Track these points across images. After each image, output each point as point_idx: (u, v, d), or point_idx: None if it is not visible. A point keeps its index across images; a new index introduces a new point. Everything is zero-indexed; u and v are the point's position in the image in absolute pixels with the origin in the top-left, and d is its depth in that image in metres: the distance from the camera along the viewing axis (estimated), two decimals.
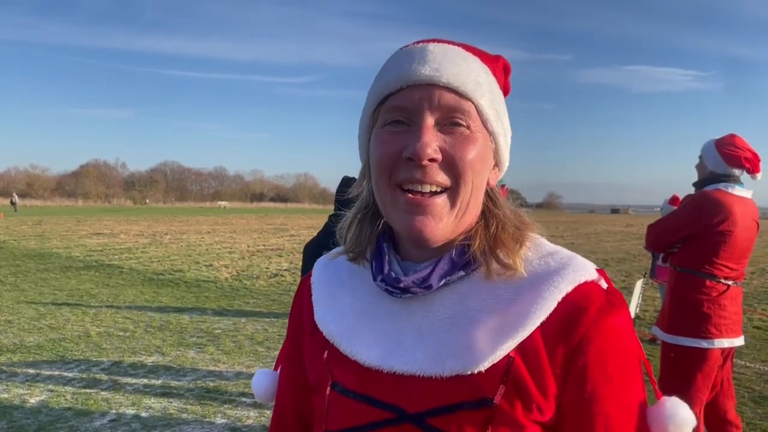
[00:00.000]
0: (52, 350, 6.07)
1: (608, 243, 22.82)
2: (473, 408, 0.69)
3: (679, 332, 2.99)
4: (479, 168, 0.74)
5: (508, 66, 0.84)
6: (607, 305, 0.72)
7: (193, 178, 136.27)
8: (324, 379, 0.81)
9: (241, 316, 8.08)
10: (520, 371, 0.69)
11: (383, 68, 0.79)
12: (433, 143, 0.71)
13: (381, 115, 0.76)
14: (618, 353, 0.71)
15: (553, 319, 0.70)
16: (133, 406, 4.54)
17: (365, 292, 0.83)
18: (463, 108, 0.73)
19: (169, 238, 21.46)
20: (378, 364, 0.75)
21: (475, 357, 0.69)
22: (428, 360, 0.72)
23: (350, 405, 0.77)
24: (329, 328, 0.83)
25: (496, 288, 0.74)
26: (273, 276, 12.06)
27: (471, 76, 0.74)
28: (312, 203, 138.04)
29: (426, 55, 0.74)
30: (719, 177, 3.04)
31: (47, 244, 17.98)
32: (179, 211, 59.51)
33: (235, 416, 4.38)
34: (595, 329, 0.70)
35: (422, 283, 0.75)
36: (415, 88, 0.73)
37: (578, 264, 0.75)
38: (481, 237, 0.77)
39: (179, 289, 10.21)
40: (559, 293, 0.71)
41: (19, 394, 4.73)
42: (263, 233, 25.33)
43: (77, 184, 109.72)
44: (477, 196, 0.76)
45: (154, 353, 6.04)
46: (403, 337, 0.76)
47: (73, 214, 45.11)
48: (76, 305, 8.56)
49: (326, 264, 0.93)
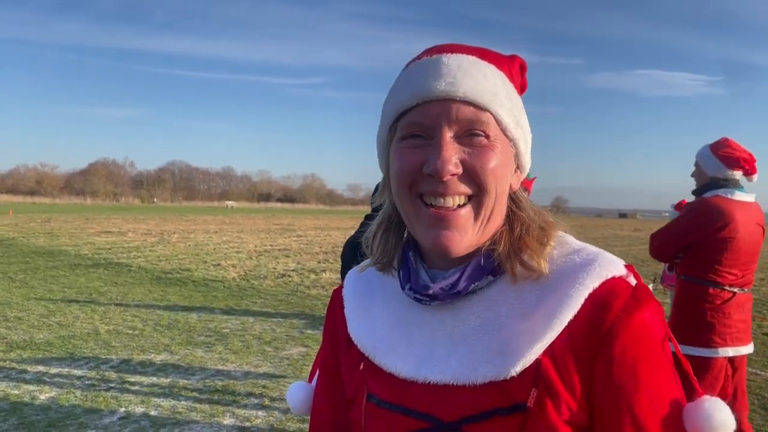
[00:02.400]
0: (62, 347, 6.10)
1: (616, 248, 22.72)
2: (507, 414, 0.69)
3: (683, 341, 2.97)
4: (501, 175, 0.74)
5: (524, 64, 0.83)
6: (632, 300, 0.70)
7: (201, 178, 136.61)
8: (360, 391, 0.82)
9: (248, 315, 8.10)
10: (550, 373, 0.69)
11: (398, 82, 0.78)
12: (454, 158, 0.71)
13: (399, 129, 0.76)
14: (645, 349, 0.70)
15: (580, 317, 0.70)
16: (142, 404, 4.56)
17: (396, 302, 0.83)
18: (481, 119, 0.72)
19: (177, 237, 21.53)
20: (412, 375, 0.75)
21: (506, 363, 0.70)
22: (461, 368, 0.72)
23: (386, 416, 0.77)
24: (363, 341, 0.83)
25: (522, 291, 0.74)
26: (280, 276, 12.08)
27: (487, 87, 0.73)
28: (319, 204, 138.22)
29: (440, 68, 0.73)
30: (719, 182, 3.02)
31: (56, 242, 18.08)
32: (187, 211, 59.70)
33: (244, 416, 4.39)
34: (619, 324, 0.69)
35: (451, 289, 0.75)
36: (431, 104, 0.72)
37: (605, 260, 0.74)
38: (506, 240, 0.76)
39: (187, 288, 10.25)
40: (585, 290, 0.70)
41: (29, 391, 4.76)
42: (270, 233, 25.37)
43: (86, 183, 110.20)
44: (501, 202, 0.76)
45: (163, 352, 6.06)
46: (436, 347, 0.76)
47: (82, 212, 45.34)
48: (85, 303, 8.61)
49: (357, 276, 0.93)
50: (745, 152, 2.98)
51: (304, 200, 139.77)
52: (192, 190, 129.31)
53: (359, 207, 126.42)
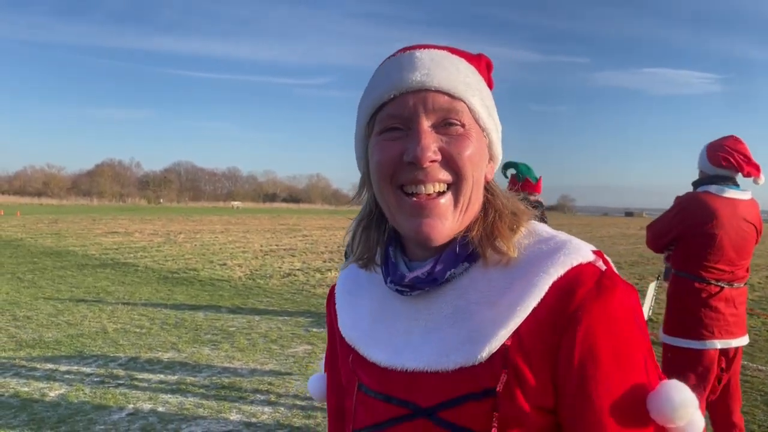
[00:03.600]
0: (71, 346, 6.17)
1: (622, 246, 22.68)
2: (479, 399, 0.71)
3: (674, 333, 3.03)
4: (477, 162, 0.77)
5: (490, 63, 0.86)
6: (596, 286, 0.71)
7: (207, 178, 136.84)
8: (352, 381, 0.87)
9: (254, 314, 8.16)
10: (517, 359, 0.70)
11: (373, 79, 0.81)
12: (433, 145, 0.74)
13: (377, 124, 0.78)
14: (609, 334, 0.70)
15: (546, 304, 0.71)
16: (150, 400, 4.62)
17: (380, 295, 0.87)
18: (456, 108, 0.75)
19: (183, 237, 21.63)
20: (391, 363, 0.79)
21: (474, 349, 0.72)
22: (434, 355, 0.75)
23: (373, 404, 0.82)
24: (350, 333, 0.88)
25: (492, 279, 0.76)
26: (286, 275, 12.14)
27: (460, 78, 0.77)
28: (324, 204, 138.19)
29: (414, 61, 0.76)
30: (711, 179, 3.04)
31: (63, 242, 18.20)
32: (193, 211, 59.88)
33: (250, 412, 4.44)
34: (583, 310, 0.69)
35: (427, 277, 0.78)
36: (408, 95, 0.75)
37: (571, 247, 0.75)
38: (479, 226, 0.79)
39: (194, 288, 10.32)
40: (549, 278, 0.72)
41: (39, 388, 4.83)
42: (276, 233, 25.45)
43: (92, 184, 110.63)
44: (477, 190, 0.78)
45: (170, 350, 6.13)
46: (412, 336, 0.79)
47: (89, 212, 45.55)
48: (93, 302, 8.68)
49: (347, 273, 0.97)
50: (738, 153, 2.97)
51: (310, 200, 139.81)
52: (198, 190, 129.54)
53: None
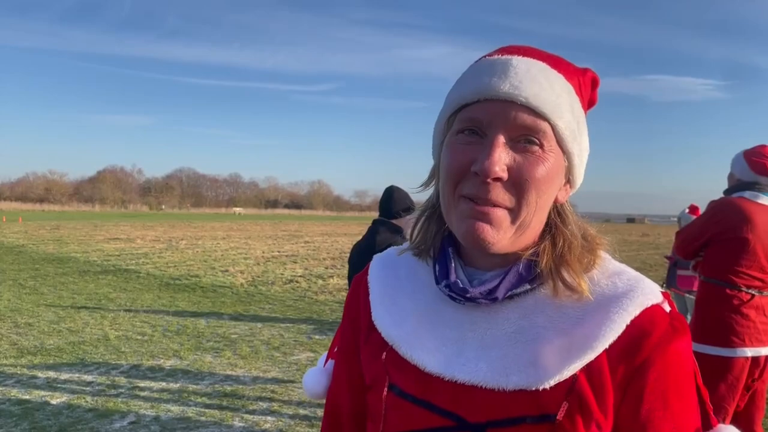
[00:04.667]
0: (72, 353, 6.15)
1: (624, 253, 22.64)
2: (535, 422, 0.70)
3: (702, 340, 2.99)
4: (545, 188, 0.73)
5: (596, 79, 0.82)
6: (671, 330, 0.73)
7: (209, 185, 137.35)
8: (380, 379, 0.81)
9: (257, 321, 8.13)
10: (584, 389, 0.70)
11: (464, 76, 0.78)
12: (502, 162, 0.70)
13: (456, 122, 0.76)
14: (677, 379, 0.72)
15: (620, 341, 0.71)
16: (152, 408, 4.58)
17: (425, 296, 0.83)
18: (538, 128, 0.71)
19: (185, 243, 21.63)
20: (439, 371, 0.75)
21: (540, 374, 0.70)
22: (492, 372, 0.72)
23: (408, 409, 0.77)
24: (390, 331, 0.82)
25: (562, 306, 0.75)
26: (288, 282, 12.11)
27: (551, 97, 0.72)
28: (326, 210, 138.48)
29: (508, 70, 0.72)
30: (746, 185, 3.04)
31: (65, 249, 18.20)
32: (194, 217, 59.93)
33: (253, 420, 4.41)
34: (656, 353, 0.71)
35: (488, 295, 0.75)
36: (492, 103, 0.72)
37: (646, 287, 0.75)
38: (548, 255, 0.76)
39: (196, 294, 10.29)
40: (628, 316, 0.71)
41: (41, 396, 4.80)
42: (278, 240, 25.44)
43: (94, 190, 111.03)
44: (540, 215, 0.75)
45: (172, 357, 6.10)
46: (466, 347, 0.76)
47: (91, 219, 45.60)
48: (95, 309, 8.66)
49: (383, 263, 0.93)
50: None
51: (311, 206, 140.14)
52: (200, 197, 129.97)
53: (366, 213, 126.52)
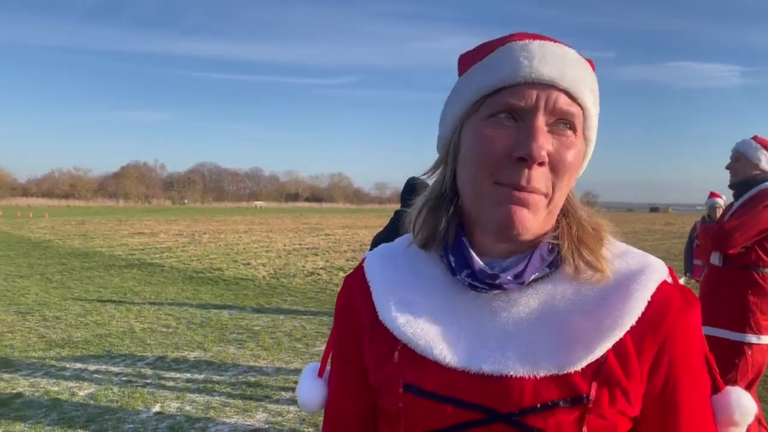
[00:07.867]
0: (99, 345, 6.26)
1: (648, 242, 22.35)
2: (568, 405, 0.70)
3: (731, 327, 3.02)
4: (575, 173, 0.75)
5: None
6: (684, 302, 0.75)
7: (230, 179, 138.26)
8: (394, 381, 0.78)
9: (279, 313, 8.20)
10: (613, 368, 0.71)
11: (493, 59, 0.74)
12: (546, 146, 0.70)
13: (486, 107, 0.73)
14: (697, 348, 0.75)
15: (642, 317, 0.72)
16: (177, 399, 4.65)
17: (436, 289, 0.80)
18: (574, 113, 0.72)
19: (208, 237, 21.84)
20: (464, 365, 0.73)
21: (570, 358, 0.70)
22: (520, 360, 0.71)
23: (431, 407, 0.74)
24: (403, 329, 0.77)
25: (581, 288, 0.75)
26: (309, 274, 12.18)
27: (587, 83, 0.73)
28: (346, 203, 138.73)
29: (547, 54, 0.72)
30: None
31: (91, 244, 18.50)
32: (216, 211, 60.49)
33: (276, 410, 4.45)
34: (677, 327, 0.73)
35: (516, 278, 0.74)
36: (533, 87, 0.70)
37: (656, 262, 0.77)
38: (567, 237, 0.77)
39: (218, 287, 10.40)
40: (648, 292, 0.73)
41: (69, 387, 4.89)
42: (299, 233, 25.57)
43: (118, 185, 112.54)
44: (564, 199, 0.77)
45: (196, 349, 6.18)
46: (488, 337, 0.74)
47: (115, 214, 46.29)
48: (120, 302, 8.80)
49: (381, 259, 0.89)
50: None
51: (332, 199, 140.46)
52: (221, 191, 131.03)
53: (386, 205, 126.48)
